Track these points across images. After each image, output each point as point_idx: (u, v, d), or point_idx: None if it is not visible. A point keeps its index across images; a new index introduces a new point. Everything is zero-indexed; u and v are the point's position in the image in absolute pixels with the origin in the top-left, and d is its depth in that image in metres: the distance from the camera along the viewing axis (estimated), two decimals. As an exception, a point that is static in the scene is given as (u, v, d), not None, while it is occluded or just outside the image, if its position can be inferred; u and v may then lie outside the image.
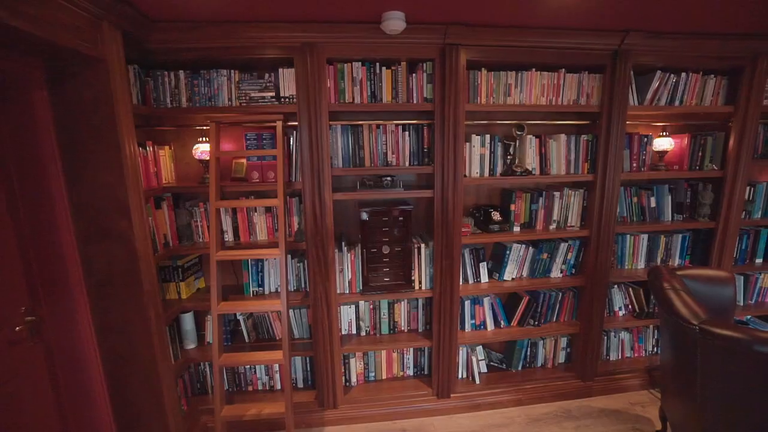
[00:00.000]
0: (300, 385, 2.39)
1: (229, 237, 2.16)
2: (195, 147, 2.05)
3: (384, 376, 2.45)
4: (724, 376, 1.43)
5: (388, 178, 2.08)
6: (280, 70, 1.95)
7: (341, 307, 2.29)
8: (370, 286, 2.16)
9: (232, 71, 1.94)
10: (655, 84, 2.21)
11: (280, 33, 1.82)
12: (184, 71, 1.92)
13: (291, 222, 2.19)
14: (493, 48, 1.97)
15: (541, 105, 2.10)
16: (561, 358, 2.57)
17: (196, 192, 2.17)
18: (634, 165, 2.34)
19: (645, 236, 2.47)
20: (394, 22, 1.73)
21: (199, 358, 2.15)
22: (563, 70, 2.10)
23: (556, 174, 2.23)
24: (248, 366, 2.30)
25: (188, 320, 2.17)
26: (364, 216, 2.06)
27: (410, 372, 2.46)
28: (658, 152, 2.40)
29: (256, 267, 2.20)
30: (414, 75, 1.99)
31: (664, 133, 2.40)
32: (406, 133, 2.07)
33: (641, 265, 2.51)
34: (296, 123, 1.95)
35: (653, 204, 2.44)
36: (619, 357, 2.63)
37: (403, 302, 2.32)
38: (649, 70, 2.22)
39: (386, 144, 2.08)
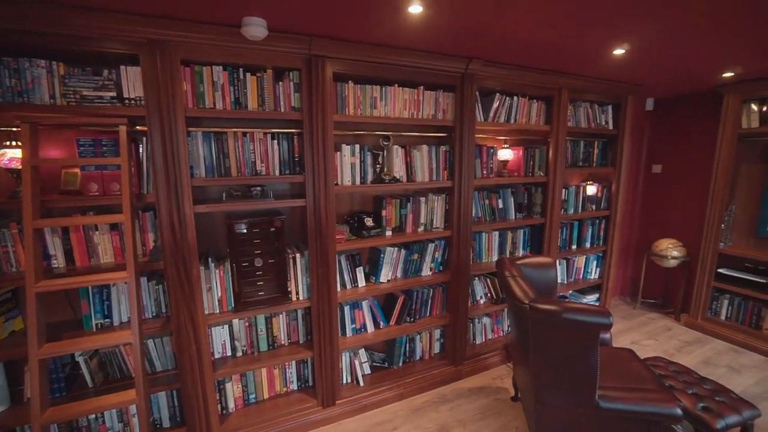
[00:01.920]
0: (166, 424, 2.09)
1: (59, 262, 1.78)
2: (0, 152, 1.64)
3: (266, 396, 2.32)
4: (547, 342, 1.76)
5: (258, 188, 2.00)
6: (123, 67, 1.70)
7: (212, 328, 2.10)
8: (243, 303, 2.03)
9: (54, 63, 1.61)
10: (495, 104, 2.62)
11: (123, 26, 1.60)
12: (-23, 55, 1.52)
13: (145, 239, 1.92)
14: (358, 62, 2.07)
15: (404, 118, 2.29)
16: (436, 348, 2.81)
17: (5, 209, 1.74)
18: (484, 172, 2.73)
19: (496, 233, 2.90)
20: (255, 28, 1.68)
21: (14, 421, 1.69)
22: (422, 87, 2.32)
23: (421, 181, 2.45)
24: (93, 415, 1.92)
25: (-4, 374, 1.71)
26: (234, 228, 1.94)
27: (294, 386, 2.39)
28: (502, 161, 2.85)
29: (99, 295, 1.86)
30: (281, 83, 1.97)
31: (506, 146, 2.85)
32: (275, 141, 2.03)
33: (495, 257, 2.93)
34: (146, 128, 1.73)
35: (501, 205, 2.88)
36: (483, 340, 3.01)
37: (281, 315, 2.24)
38: (491, 92, 2.62)
39: (254, 153, 2.00)
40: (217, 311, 2.04)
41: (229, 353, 2.18)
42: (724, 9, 1.61)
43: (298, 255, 2.14)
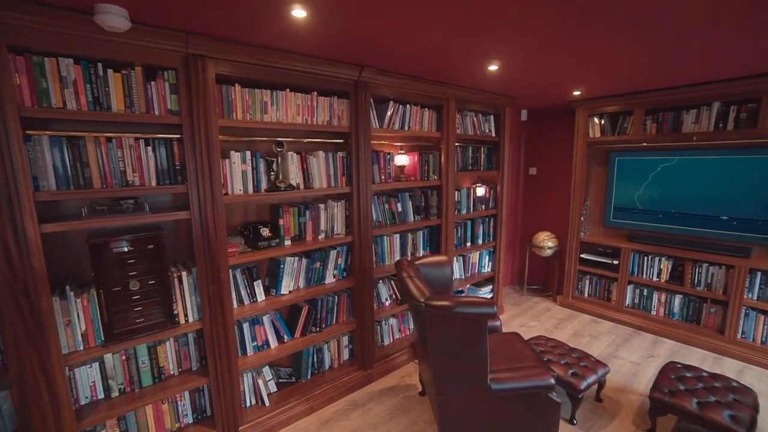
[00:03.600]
0: (12, 497, 1.69)
1: None
2: None
3: (153, 437, 2.04)
4: (443, 336, 1.86)
5: (131, 201, 1.75)
6: None
7: (75, 369, 1.77)
8: (116, 334, 1.75)
9: None
10: (389, 111, 2.72)
11: None
12: None
13: (-32, 270, 1.53)
14: (245, 65, 1.96)
15: (297, 124, 2.23)
16: (345, 355, 2.79)
17: None
18: (383, 177, 2.81)
19: (397, 236, 3.01)
20: (112, 17, 1.47)
21: None
22: (315, 93, 2.29)
23: (319, 187, 2.41)
24: None
25: None
26: (99, 248, 1.66)
27: (189, 419, 2.14)
28: (399, 166, 2.97)
29: None
30: (153, 83, 1.76)
31: (402, 152, 2.99)
32: (150, 148, 1.80)
33: (398, 259, 3.04)
34: (-40, 130, 1.39)
35: (400, 209, 3.00)
36: (391, 340, 3.09)
37: (168, 342, 1.99)
38: (385, 100, 2.72)
39: (124, 161, 1.75)
40: (81, 348, 1.72)
41: (101, 395, 1.86)
42: (565, 40, 1.91)
43: (184, 273, 1.93)
